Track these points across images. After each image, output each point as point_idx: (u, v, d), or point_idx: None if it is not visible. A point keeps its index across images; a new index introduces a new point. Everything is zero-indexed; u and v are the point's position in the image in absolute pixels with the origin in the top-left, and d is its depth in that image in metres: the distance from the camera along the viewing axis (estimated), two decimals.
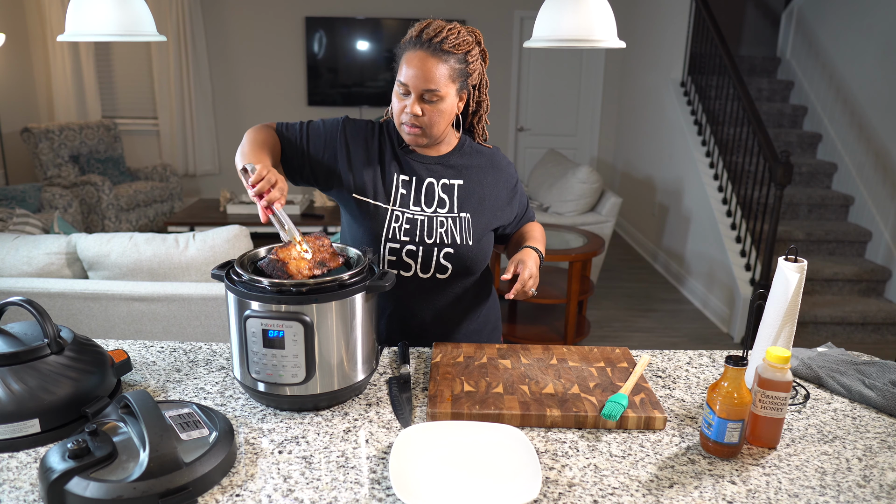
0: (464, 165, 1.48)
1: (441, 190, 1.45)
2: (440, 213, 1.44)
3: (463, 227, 1.44)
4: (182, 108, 6.44)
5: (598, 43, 1.40)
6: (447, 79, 1.34)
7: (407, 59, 1.34)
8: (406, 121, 1.37)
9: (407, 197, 1.44)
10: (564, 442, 1.09)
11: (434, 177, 1.46)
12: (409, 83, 1.33)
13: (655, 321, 4.30)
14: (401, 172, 1.45)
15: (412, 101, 1.35)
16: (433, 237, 1.42)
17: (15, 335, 1.11)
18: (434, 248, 1.42)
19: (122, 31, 1.30)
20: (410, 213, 1.43)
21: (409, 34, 1.38)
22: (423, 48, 1.33)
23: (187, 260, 2.41)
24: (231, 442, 1.00)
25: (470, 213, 1.45)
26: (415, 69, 1.32)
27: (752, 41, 6.38)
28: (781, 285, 1.15)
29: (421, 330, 1.50)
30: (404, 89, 1.35)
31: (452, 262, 1.43)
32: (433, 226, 1.42)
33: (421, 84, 1.33)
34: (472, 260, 1.45)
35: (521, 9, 6.34)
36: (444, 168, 1.47)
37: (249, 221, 4.72)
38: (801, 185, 4.81)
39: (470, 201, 1.46)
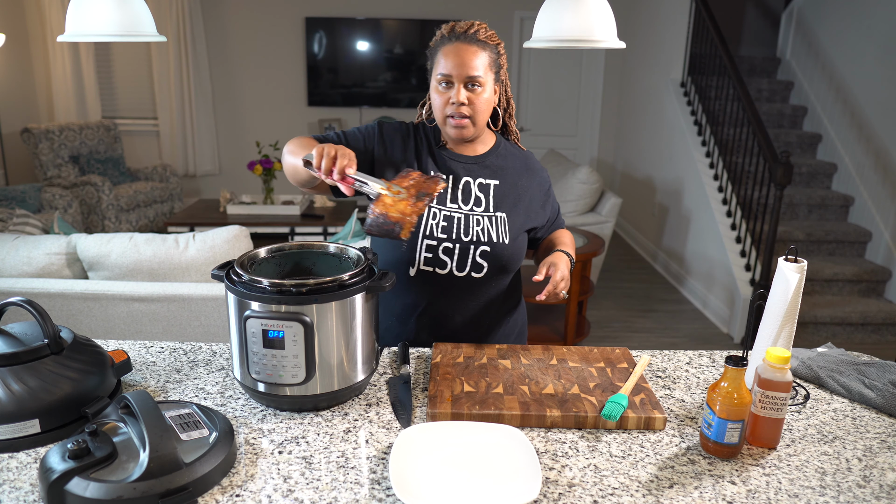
0: (499, 166, 1.50)
1: (477, 189, 1.46)
2: (476, 212, 1.45)
3: (499, 225, 1.45)
4: (182, 109, 6.44)
5: (598, 43, 1.40)
6: (486, 67, 1.38)
7: (445, 52, 1.37)
8: (452, 112, 1.38)
9: (444, 195, 1.44)
10: (564, 442, 1.09)
11: (470, 176, 1.47)
12: (452, 73, 1.36)
13: (655, 321, 4.30)
14: (437, 170, 1.46)
15: (457, 89, 1.36)
16: (470, 235, 1.42)
17: (15, 335, 1.11)
18: (470, 246, 1.42)
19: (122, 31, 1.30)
20: (448, 211, 1.43)
21: (438, 35, 1.42)
22: (460, 40, 1.37)
23: (187, 260, 2.41)
24: (231, 442, 1.00)
25: (505, 213, 1.47)
26: (457, 58, 1.35)
27: (752, 41, 6.38)
28: (781, 285, 1.15)
29: (451, 331, 1.49)
30: (446, 81, 1.37)
31: (488, 260, 1.43)
32: (470, 223, 1.43)
33: (464, 71, 1.35)
34: (508, 259, 1.45)
35: (521, 9, 6.34)
36: (480, 168, 1.48)
37: (249, 222, 4.72)
38: (801, 185, 4.81)
39: (505, 201, 1.47)
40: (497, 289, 1.49)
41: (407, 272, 1.44)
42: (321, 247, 1.30)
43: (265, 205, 5.01)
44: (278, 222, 4.79)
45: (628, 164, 6.35)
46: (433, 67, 1.41)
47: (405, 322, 1.50)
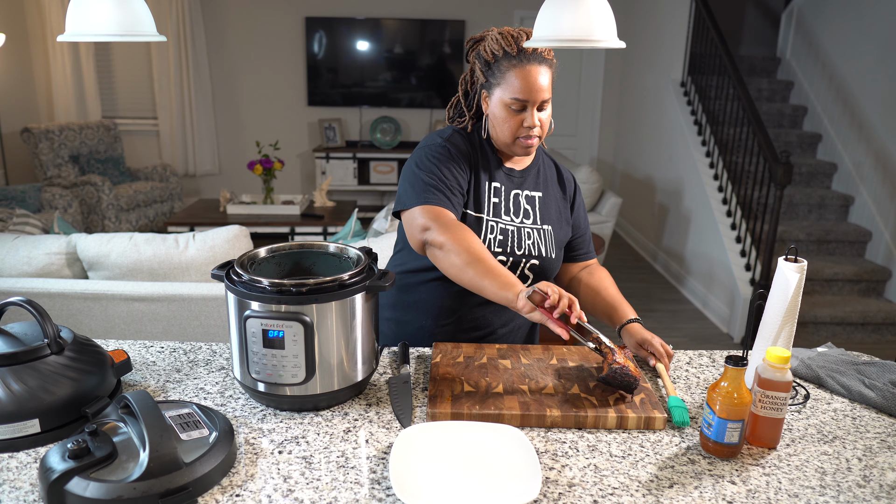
0: (542, 179, 1.51)
1: (525, 201, 1.47)
2: (526, 224, 1.45)
3: (547, 238, 1.46)
4: (182, 109, 6.44)
5: (598, 43, 1.40)
6: (551, 85, 1.38)
7: (517, 74, 1.34)
8: (525, 134, 1.38)
9: (499, 206, 1.44)
10: (564, 442, 1.09)
11: (519, 189, 1.47)
12: (527, 97, 1.35)
13: (655, 321, 4.30)
14: (493, 181, 1.45)
15: (530, 114, 1.36)
16: (522, 248, 1.43)
17: (15, 335, 1.11)
18: (522, 260, 1.43)
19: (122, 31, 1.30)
20: (504, 224, 1.43)
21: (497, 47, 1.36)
22: (532, 62, 1.35)
23: (187, 260, 2.41)
24: (231, 442, 1.00)
25: (551, 226, 1.47)
26: (531, 83, 1.34)
27: (752, 41, 6.37)
28: (781, 285, 1.15)
29: (487, 332, 1.50)
30: (520, 105, 1.35)
31: (535, 272, 1.44)
32: (521, 237, 1.43)
33: (539, 96, 1.35)
34: (552, 271, 1.47)
35: (521, 9, 6.34)
36: (526, 180, 1.49)
37: (249, 221, 4.72)
38: (801, 185, 4.81)
39: (549, 213, 1.49)
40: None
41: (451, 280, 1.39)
42: (321, 247, 1.30)
43: (265, 205, 5.01)
44: (278, 222, 4.79)
45: (628, 164, 6.35)
46: (496, 85, 1.37)
47: (441, 323, 1.49)
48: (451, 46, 6.40)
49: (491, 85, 1.39)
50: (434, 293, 1.47)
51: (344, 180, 6.43)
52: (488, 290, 1.22)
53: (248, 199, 5.24)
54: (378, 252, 2.43)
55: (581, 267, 1.61)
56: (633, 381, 1.16)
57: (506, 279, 1.21)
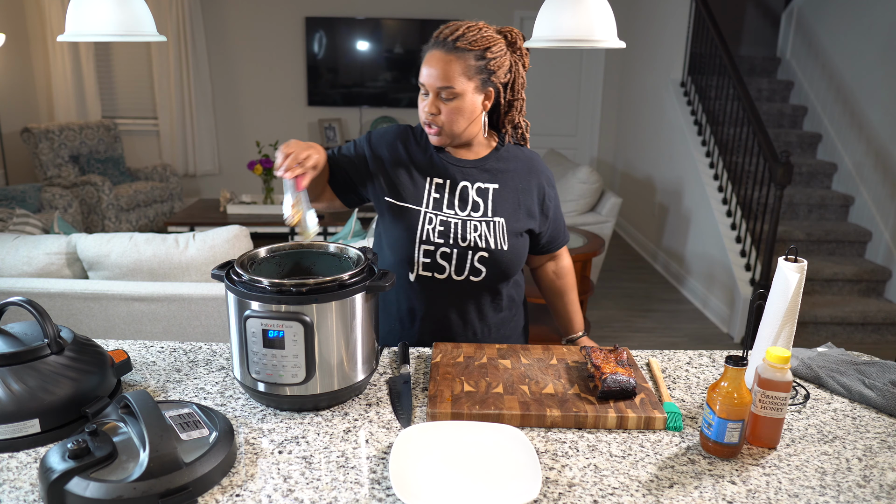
0: (500, 169, 1.48)
1: (475, 194, 1.45)
2: (474, 217, 1.44)
3: (497, 231, 1.44)
4: (182, 108, 6.44)
5: (598, 43, 1.40)
6: (461, 76, 1.35)
7: (425, 59, 1.37)
8: (425, 120, 1.39)
9: (440, 200, 1.44)
10: (564, 442, 1.09)
11: (468, 180, 1.46)
12: (425, 82, 1.36)
13: (655, 321, 4.30)
14: (434, 176, 1.45)
15: (430, 99, 1.37)
16: (467, 240, 1.42)
17: (15, 335, 1.11)
18: (468, 252, 1.42)
19: (122, 31, 1.30)
20: (444, 216, 1.43)
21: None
22: (439, 47, 1.36)
23: (187, 260, 2.41)
24: (231, 442, 1.00)
25: (504, 218, 1.45)
26: (430, 68, 1.35)
27: (752, 41, 6.37)
28: (781, 285, 1.15)
29: (453, 333, 1.49)
30: (423, 89, 1.38)
31: (487, 265, 1.43)
32: (467, 229, 1.42)
33: (436, 82, 1.35)
34: (507, 264, 1.45)
35: (521, 9, 6.34)
36: (479, 172, 1.47)
37: (249, 221, 4.72)
38: (801, 185, 4.81)
39: (504, 206, 1.46)
40: (497, 291, 1.49)
41: (407, 277, 1.45)
42: (321, 247, 1.30)
43: (265, 204, 5.01)
44: (278, 222, 4.79)
45: (628, 164, 6.35)
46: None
47: (408, 326, 1.50)
48: None
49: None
50: (399, 294, 1.48)
51: None
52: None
53: (248, 199, 5.24)
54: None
55: (548, 258, 1.64)
56: (631, 384, 1.16)
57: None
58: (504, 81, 1.44)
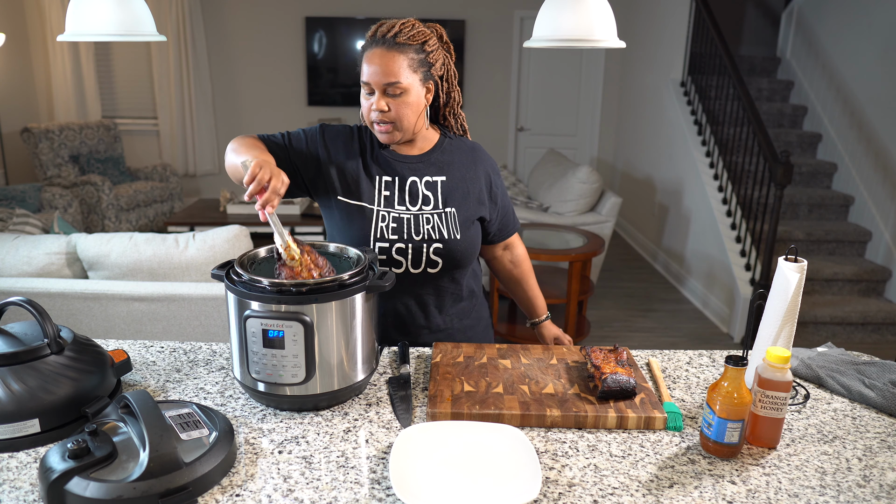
0: (445, 162, 1.50)
1: (424, 188, 1.47)
2: (425, 211, 1.45)
3: (449, 221, 1.46)
4: (182, 108, 6.44)
5: (598, 43, 1.40)
6: (407, 70, 1.36)
7: (366, 58, 1.37)
8: (375, 119, 1.39)
9: (391, 198, 1.45)
10: (564, 442, 1.09)
11: (416, 175, 1.47)
12: (370, 80, 1.36)
13: (655, 321, 4.30)
14: (383, 174, 1.47)
15: (377, 97, 1.37)
16: (421, 234, 1.43)
17: (15, 335, 1.11)
18: (423, 245, 1.43)
19: (122, 31, 1.30)
20: (396, 213, 1.44)
21: (366, 36, 1.41)
22: (379, 45, 1.36)
23: (187, 260, 2.41)
24: (231, 442, 1.00)
25: (455, 208, 1.47)
26: (374, 66, 1.35)
27: (752, 41, 6.38)
28: (781, 285, 1.15)
29: (416, 327, 1.51)
30: (368, 88, 1.38)
31: (442, 256, 1.44)
32: (420, 223, 1.44)
33: (382, 79, 1.35)
34: (462, 253, 1.46)
35: (521, 9, 6.34)
36: (425, 166, 1.48)
37: (249, 221, 4.72)
38: (801, 185, 4.81)
39: (454, 196, 1.48)
40: (455, 282, 1.51)
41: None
42: (321, 246, 1.30)
43: None
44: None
45: (628, 164, 6.35)
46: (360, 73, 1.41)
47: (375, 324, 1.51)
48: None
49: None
50: None
51: None
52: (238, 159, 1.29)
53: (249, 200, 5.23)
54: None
55: (502, 247, 1.66)
56: (631, 383, 1.16)
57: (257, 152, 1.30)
58: (440, 74, 1.46)
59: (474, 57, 6.47)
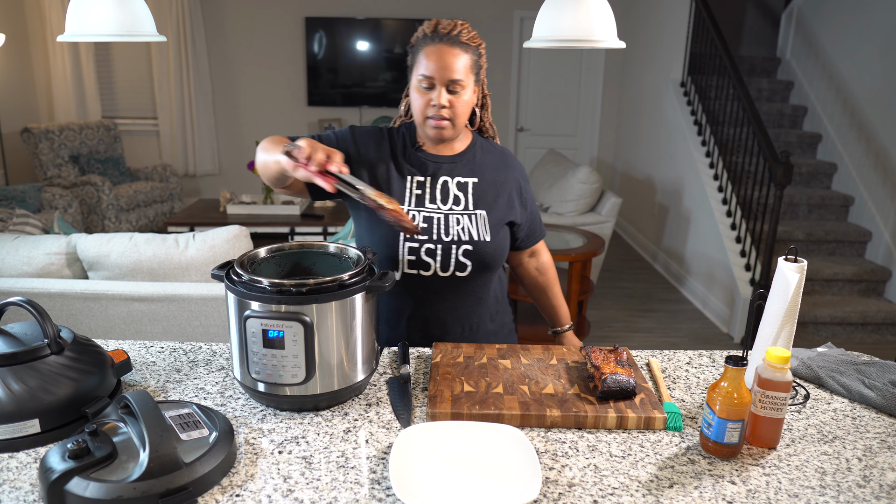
0: (477, 164, 1.50)
1: (456, 188, 1.46)
2: (455, 211, 1.45)
3: (479, 223, 1.45)
4: (182, 108, 6.44)
5: (598, 43, 1.40)
6: (468, 70, 1.38)
7: (427, 52, 1.37)
8: (433, 114, 1.38)
9: (422, 196, 1.45)
10: (564, 442, 1.09)
11: (449, 175, 1.47)
12: (434, 75, 1.35)
13: (655, 321, 4.30)
14: (416, 173, 1.46)
15: (438, 92, 1.36)
16: (450, 234, 1.42)
17: (15, 335, 1.11)
18: (452, 246, 1.42)
19: (122, 31, 1.30)
20: (427, 212, 1.43)
21: (420, 32, 1.41)
22: (443, 41, 1.36)
23: (187, 260, 2.41)
24: (231, 442, 1.00)
25: (485, 210, 1.46)
26: (439, 60, 1.35)
27: (752, 41, 6.38)
28: (781, 285, 1.15)
29: (442, 331, 1.50)
30: (428, 83, 1.37)
31: (471, 258, 1.43)
32: (450, 223, 1.43)
33: (447, 74, 1.35)
34: (491, 255, 1.46)
35: (521, 9, 6.34)
36: (458, 166, 1.48)
37: (249, 221, 4.72)
38: (801, 185, 4.81)
39: (484, 198, 1.47)
40: (483, 286, 1.50)
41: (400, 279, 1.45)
42: (321, 247, 1.30)
43: (265, 205, 5.01)
44: (278, 222, 4.79)
45: (628, 164, 6.35)
46: (414, 66, 1.41)
47: (396, 326, 1.50)
48: None
49: (410, 69, 1.43)
50: (384, 295, 1.47)
51: None
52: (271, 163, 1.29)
53: (248, 199, 5.24)
54: None
55: (528, 254, 1.65)
56: (631, 383, 1.16)
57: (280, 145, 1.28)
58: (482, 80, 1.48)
59: None
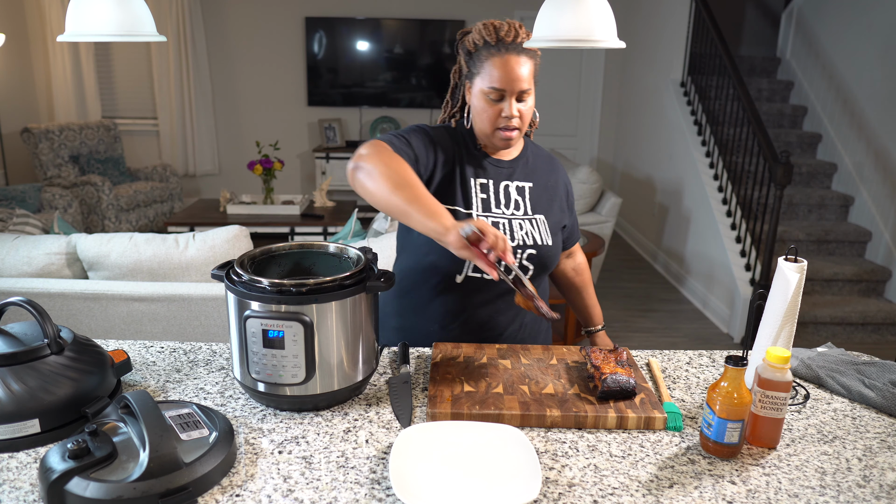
0: (531, 169, 1.51)
1: (515, 192, 1.47)
2: (517, 215, 1.45)
3: (540, 227, 1.46)
4: (182, 108, 6.44)
5: (598, 43, 1.40)
6: (532, 77, 1.38)
7: (494, 63, 1.34)
8: (504, 125, 1.37)
9: (487, 201, 1.44)
10: (564, 442, 1.09)
11: (508, 179, 1.47)
12: (504, 87, 1.34)
13: (655, 321, 4.30)
14: (479, 176, 1.45)
15: (509, 103, 1.36)
16: (516, 240, 1.42)
17: (15, 335, 1.11)
18: (518, 251, 1.42)
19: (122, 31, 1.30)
20: (493, 217, 1.43)
21: (478, 37, 1.38)
22: (509, 51, 1.34)
23: (187, 260, 2.41)
24: (231, 442, 1.00)
25: (543, 214, 1.48)
26: (509, 72, 1.34)
27: (752, 41, 6.38)
28: (781, 285, 1.15)
29: (493, 334, 1.49)
30: (497, 94, 1.35)
31: (535, 262, 1.44)
32: (514, 228, 1.43)
33: (517, 85, 1.34)
34: (552, 259, 1.47)
35: (521, 9, 6.34)
36: (516, 171, 1.48)
37: (249, 221, 4.72)
38: (801, 185, 4.81)
39: (541, 203, 1.49)
40: (537, 289, 1.50)
41: (453, 279, 1.43)
42: (321, 247, 1.30)
43: (265, 205, 5.01)
44: (278, 222, 4.79)
45: (628, 164, 6.35)
46: (477, 74, 1.37)
47: (448, 327, 1.48)
48: (451, 46, 6.40)
49: (472, 75, 1.40)
50: (437, 295, 1.46)
51: (344, 180, 6.43)
52: (415, 217, 1.15)
53: (248, 199, 5.24)
54: (378, 252, 2.43)
55: (566, 255, 1.67)
56: (631, 383, 1.16)
57: (434, 208, 1.16)
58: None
59: None
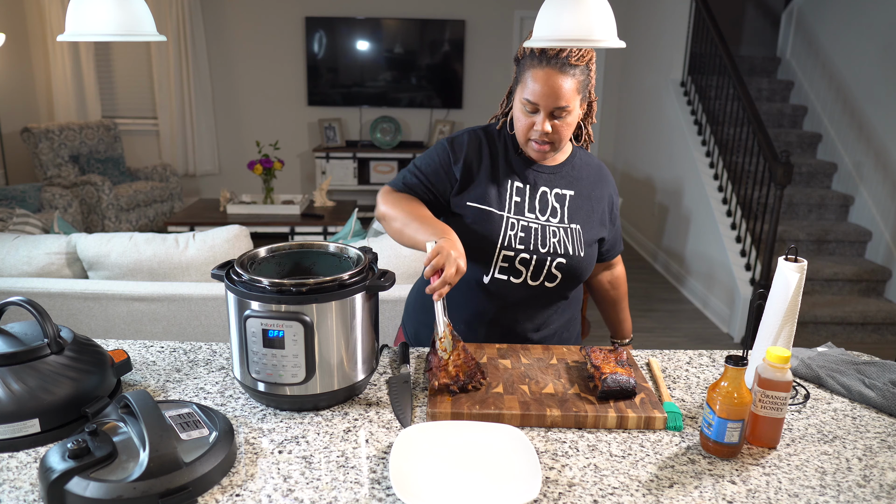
0: (575, 177, 1.48)
1: (554, 199, 1.45)
2: (552, 223, 1.43)
3: (574, 237, 1.43)
4: (182, 108, 6.44)
5: (598, 43, 1.40)
6: (574, 92, 1.32)
7: (533, 75, 1.31)
8: (535, 138, 1.36)
9: (521, 204, 1.43)
10: (564, 442, 1.09)
11: (548, 186, 1.45)
12: (538, 101, 1.31)
13: (655, 321, 4.30)
14: (516, 179, 1.44)
15: (542, 118, 1.33)
16: (547, 247, 1.41)
17: (15, 335, 1.11)
18: (547, 258, 1.41)
19: (122, 31, 1.30)
20: (525, 221, 1.42)
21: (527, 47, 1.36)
22: (550, 65, 1.30)
23: (187, 260, 2.41)
24: (231, 442, 1.00)
25: (580, 225, 1.45)
26: (544, 87, 1.30)
27: (752, 41, 6.37)
28: (781, 285, 1.15)
29: (518, 338, 1.49)
30: (532, 107, 1.33)
31: (563, 271, 1.42)
32: (546, 235, 1.42)
33: (551, 102, 1.31)
34: (583, 270, 1.45)
35: (521, 9, 6.34)
36: (557, 178, 1.46)
37: (249, 221, 4.72)
38: (801, 185, 4.81)
39: (580, 213, 1.46)
40: (565, 298, 1.50)
41: (481, 279, 1.43)
42: (321, 246, 1.30)
43: (265, 204, 5.01)
44: (278, 222, 4.79)
45: (628, 164, 6.35)
46: (520, 82, 1.36)
47: (474, 328, 1.48)
48: (451, 46, 6.40)
49: (517, 82, 1.38)
50: (469, 296, 1.46)
51: (344, 180, 6.43)
52: (419, 238, 1.28)
53: (248, 199, 5.24)
54: (378, 252, 2.43)
55: (604, 267, 1.65)
56: (631, 383, 1.16)
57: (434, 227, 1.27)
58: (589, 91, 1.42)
59: (474, 57, 6.47)
